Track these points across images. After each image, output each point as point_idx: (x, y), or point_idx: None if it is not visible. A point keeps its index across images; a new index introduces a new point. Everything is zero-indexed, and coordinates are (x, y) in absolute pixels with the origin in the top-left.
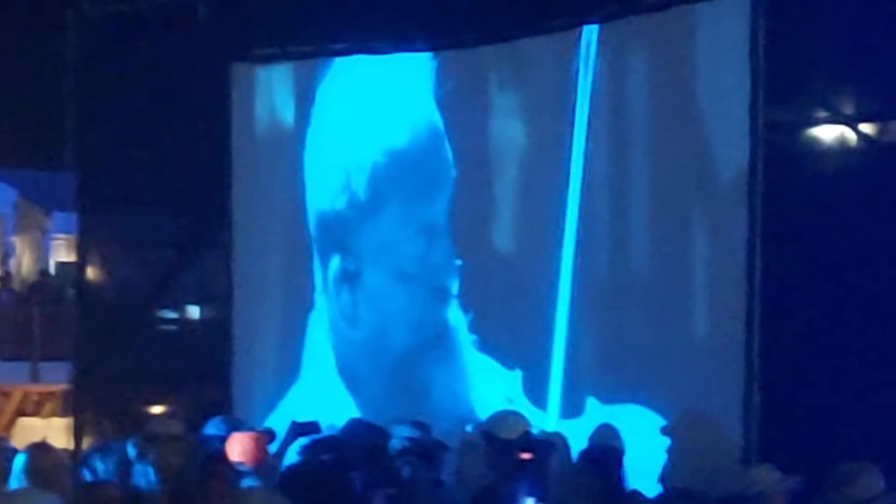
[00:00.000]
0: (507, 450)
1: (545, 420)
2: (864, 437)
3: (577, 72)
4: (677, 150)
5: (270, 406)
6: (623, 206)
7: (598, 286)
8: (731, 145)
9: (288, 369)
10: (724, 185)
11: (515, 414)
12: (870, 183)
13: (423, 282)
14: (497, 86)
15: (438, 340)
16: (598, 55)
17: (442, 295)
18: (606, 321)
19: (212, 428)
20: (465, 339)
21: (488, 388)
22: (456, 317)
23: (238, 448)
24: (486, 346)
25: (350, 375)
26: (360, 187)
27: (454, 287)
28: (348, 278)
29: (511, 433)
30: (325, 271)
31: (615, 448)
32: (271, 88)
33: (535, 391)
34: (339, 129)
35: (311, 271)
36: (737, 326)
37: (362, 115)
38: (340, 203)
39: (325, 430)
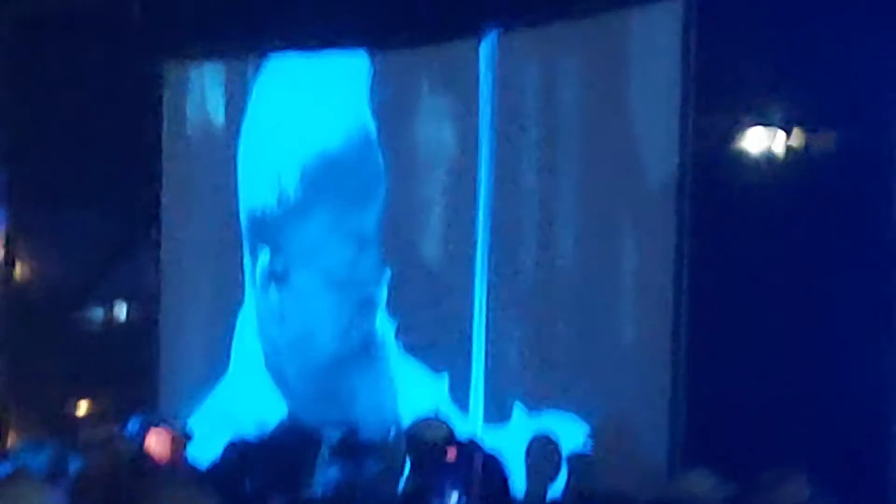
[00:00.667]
0: (433, 450)
1: (469, 425)
2: (790, 444)
3: (503, 76)
4: (606, 155)
5: (197, 402)
6: (549, 210)
7: (523, 291)
8: (660, 150)
9: (216, 365)
10: (652, 190)
11: (438, 418)
12: (799, 190)
13: (351, 290)
14: (427, 90)
15: (365, 349)
16: (526, 59)
17: (370, 306)
18: (531, 326)
19: (131, 426)
20: (391, 346)
21: (415, 395)
22: (383, 325)
23: (155, 444)
24: (412, 352)
25: (278, 375)
26: (292, 187)
27: (382, 296)
28: (276, 277)
29: (435, 436)
30: (254, 268)
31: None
32: (203, 87)
33: (462, 397)
34: (272, 128)
35: (241, 268)
36: (664, 332)
37: (295, 115)
38: (271, 202)
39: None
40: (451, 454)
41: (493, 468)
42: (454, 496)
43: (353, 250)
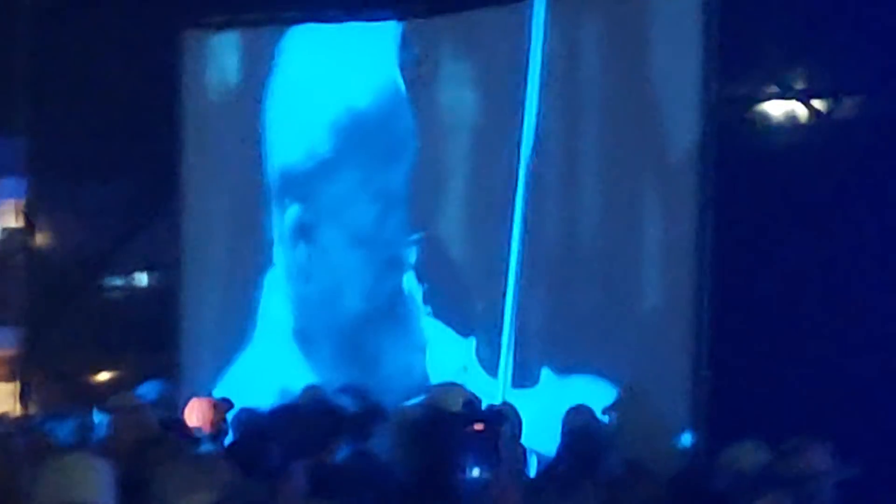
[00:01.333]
0: (456, 422)
1: (497, 389)
2: (813, 411)
3: (528, 43)
4: (629, 123)
5: (221, 369)
6: (574, 177)
7: (548, 256)
8: (683, 119)
9: (239, 332)
10: (677, 159)
11: (457, 386)
12: (822, 158)
13: (378, 249)
14: (452, 55)
15: (392, 308)
16: (549, 27)
17: (397, 265)
18: (556, 292)
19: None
20: (419, 308)
21: (443, 357)
22: (411, 287)
23: (196, 414)
24: (440, 314)
25: (303, 336)
26: (321, 144)
27: (410, 257)
28: (305, 231)
29: (454, 405)
30: (283, 222)
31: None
32: (223, 55)
33: (490, 360)
34: (301, 86)
35: (267, 228)
36: (687, 300)
37: (324, 72)
38: (300, 158)
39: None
40: (478, 426)
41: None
42: (476, 469)
43: (380, 208)
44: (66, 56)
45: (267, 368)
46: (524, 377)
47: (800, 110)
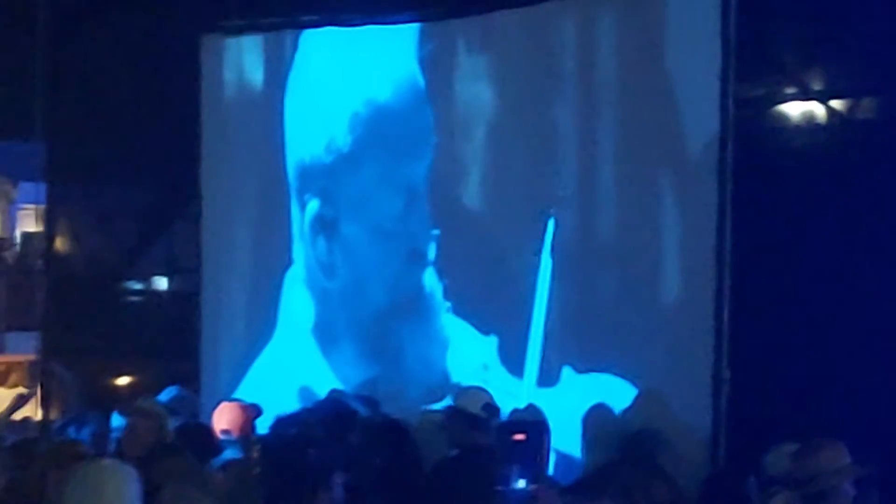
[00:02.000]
0: (500, 431)
1: (521, 388)
2: (832, 410)
3: (545, 40)
4: (648, 122)
5: (243, 371)
6: (594, 175)
7: (570, 254)
8: (701, 119)
9: (260, 333)
10: (696, 158)
11: (478, 388)
12: (840, 158)
13: (400, 242)
14: (467, 52)
15: (413, 303)
16: (568, 25)
17: (418, 258)
18: (577, 290)
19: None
20: (440, 304)
21: (463, 354)
22: (432, 282)
23: (225, 417)
24: (461, 311)
25: (324, 332)
26: (341, 137)
27: (431, 252)
28: (325, 225)
29: (474, 406)
30: (303, 217)
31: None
32: (241, 59)
33: (511, 358)
34: (321, 81)
35: (287, 226)
36: (706, 299)
37: (344, 71)
38: (321, 152)
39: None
40: (519, 436)
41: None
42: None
43: (401, 202)
44: (85, 61)
45: (287, 367)
46: (545, 376)
47: (818, 110)
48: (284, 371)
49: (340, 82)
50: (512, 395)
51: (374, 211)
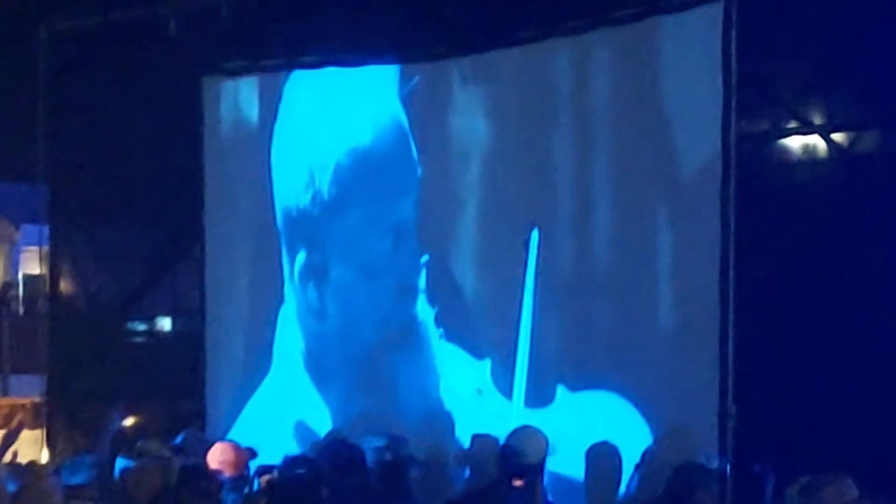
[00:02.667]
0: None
1: (511, 409)
2: (839, 439)
3: (541, 77)
4: (646, 152)
5: (240, 411)
6: (589, 210)
7: (566, 278)
8: (702, 151)
9: (256, 372)
10: (696, 191)
11: (539, 433)
12: (841, 192)
13: (390, 279)
14: (460, 85)
15: (405, 335)
16: (563, 63)
17: (408, 291)
18: (571, 313)
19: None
20: (432, 332)
21: (457, 381)
22: (423, 311)
23: (219, 458)
24: (453, 337)
25: (318, 371)
26: (326, 186)
27: (421, 283)
28: (315, 273)
29: (536, 454)
30: (293, 267)
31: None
32: (240, 101)
33: (505, 382)
34: (305, 129)
35: (279, 269)
36: (711, 336)
37: (328, 115)
38: (307, 201)
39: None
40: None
41: None
42: None
43: (390, 242)
44: (86, 103)
45: (282, 403)
46: (539, 397)
47: (819, 144)
48: (280, 407)
49: (324, 127)
50: (505, 418)
51: (363, 253)
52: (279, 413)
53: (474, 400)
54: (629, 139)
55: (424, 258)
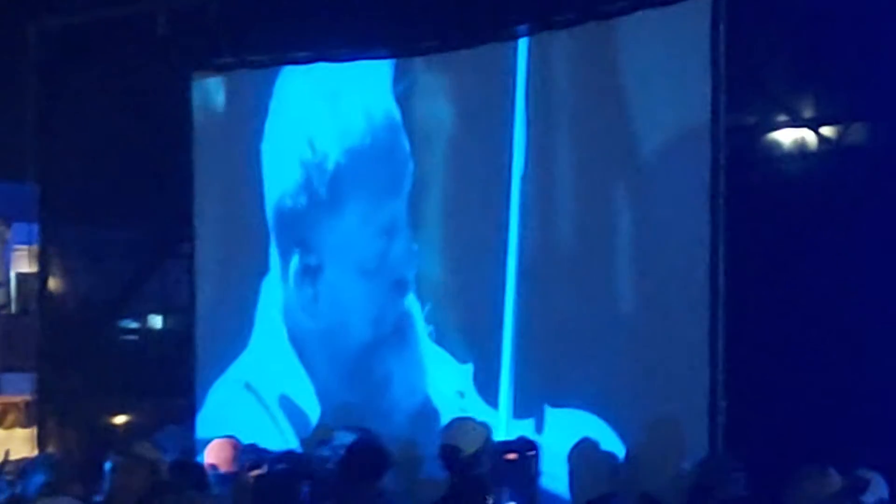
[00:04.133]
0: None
1: (498, 419)
2: (828, 439)
3: (533, 74)
4: (633, 149)
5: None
6: (574, 205)
7: (553, 283)
8: (692, 147)
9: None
10: (684, 185)
11: (475, 424)
12: (831, 185)
13: (384, 276)
14: (444, 88)
15: (397, 332)
16: (554, 59)
17: (401, 287)
18: (560, 319)
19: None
20: (421, 329)
21: (441, 381)
22: (414, 307)
23: (214, 454)
24: (440, 338)
25: (309, 365)
26: (321, 185)
27: (412, 277)
28: (309, 273)
29: (472, 446)
30: (287, 266)
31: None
32: (232, 98)
33: (487, 387)
34: (297, 126)
35: (269, 267)
36: (701, 329)
37: (318, 111)
38: (301, 201)
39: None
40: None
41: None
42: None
43: (384, 241)
44: (76, 102)
45: (274, 395)
46: (522, 407)
47: (808, 137)
48: (272, 401)
49: (317, 123)
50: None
51: (357, 252)
52: (274, 410)
53: (456, 402)
54: (620, 139)
55: (416, 256)
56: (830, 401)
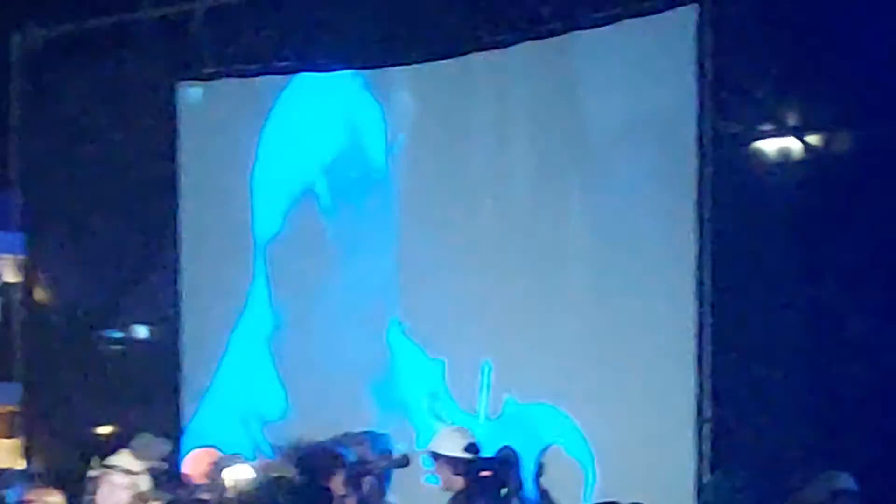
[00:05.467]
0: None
1: (474, 421)
2: (817, 445)
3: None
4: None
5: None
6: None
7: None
8: (678, 154)
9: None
10: (670, 192)
11: (459, 430)
12: (816, 193)
13: (371, 281)
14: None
15: (377, 338)
16: (538, 69)
17: (387, 291)
18: (540, 324)
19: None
20: (398, 328)
21: (416, 382)
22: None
23: (194, 464)
24: (416, 335)
25: (286, 369)
26: (306, 191)
27: (395, 289)
28: (293, 278)
29: (454, 449)
30: (272, 282)
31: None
32: (218, 107)
33: (459, 387)
34: (283, 134)
35: (254, 276)
36: (686, 338)
37: (305, 119)
38: (286, 206)
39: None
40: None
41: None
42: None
43: (372, 244)
44: (60, 110)
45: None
46: (495, 406)
47: (793, 146)
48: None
49: (303, 130)
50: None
51: (345, 256)
52: (254, 422)
53: (429, 402)
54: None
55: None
56: (814, 404)
